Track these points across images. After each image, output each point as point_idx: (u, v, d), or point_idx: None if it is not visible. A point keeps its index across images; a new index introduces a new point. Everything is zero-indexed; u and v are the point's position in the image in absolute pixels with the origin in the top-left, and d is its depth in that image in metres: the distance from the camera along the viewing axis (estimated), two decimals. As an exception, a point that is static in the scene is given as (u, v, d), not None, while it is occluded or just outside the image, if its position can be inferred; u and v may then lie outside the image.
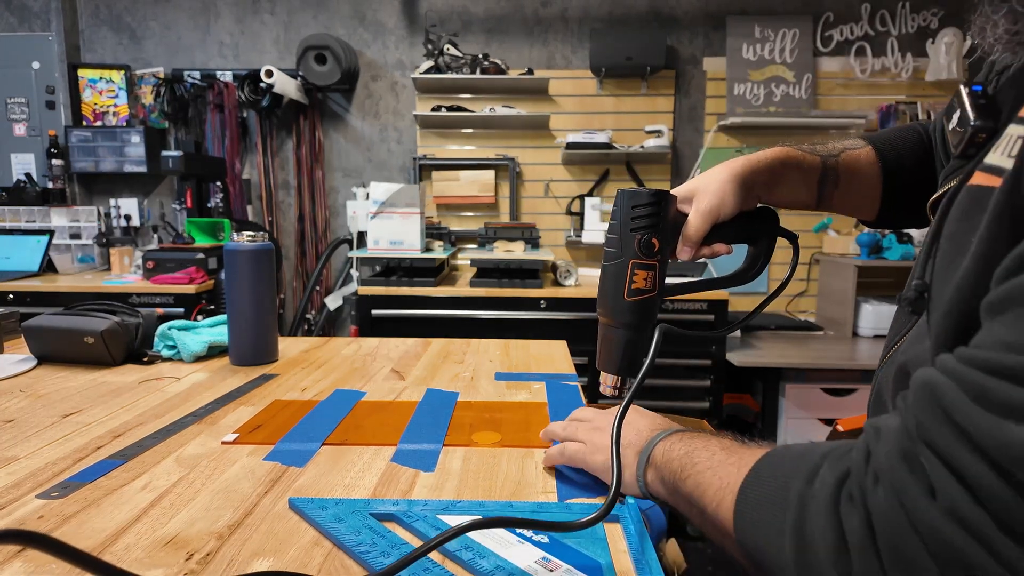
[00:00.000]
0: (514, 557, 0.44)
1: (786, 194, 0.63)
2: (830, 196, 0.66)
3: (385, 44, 2.86)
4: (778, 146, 0.64)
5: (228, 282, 0.94)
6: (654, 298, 0.57)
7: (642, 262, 0.56)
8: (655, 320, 0.59)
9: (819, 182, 0.64)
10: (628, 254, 0.56)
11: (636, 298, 0.56)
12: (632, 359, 0.58)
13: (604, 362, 0.59)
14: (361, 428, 0.71)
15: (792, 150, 0.64)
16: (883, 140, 0.67)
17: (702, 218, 0.58)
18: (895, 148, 0.66)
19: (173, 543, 0.46)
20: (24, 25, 2.84)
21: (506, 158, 2.82)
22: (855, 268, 2.47)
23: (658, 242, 0.55)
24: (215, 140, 2.82)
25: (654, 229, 0.55)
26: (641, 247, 0.55)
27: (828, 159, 0.64)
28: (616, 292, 0.57)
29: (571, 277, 2.34)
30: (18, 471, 0.58)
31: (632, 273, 0.56)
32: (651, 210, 0.55)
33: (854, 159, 0.65)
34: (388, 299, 2.22)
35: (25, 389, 0.84)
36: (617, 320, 0.57)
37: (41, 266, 2.53)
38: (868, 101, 2.78)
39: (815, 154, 0.64)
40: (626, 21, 2.80)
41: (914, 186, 0.67)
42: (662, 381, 2.24)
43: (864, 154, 0.66)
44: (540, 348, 1.14)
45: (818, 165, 0.64)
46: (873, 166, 0.65)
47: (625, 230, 0.56)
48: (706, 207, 0.58)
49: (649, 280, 0.56)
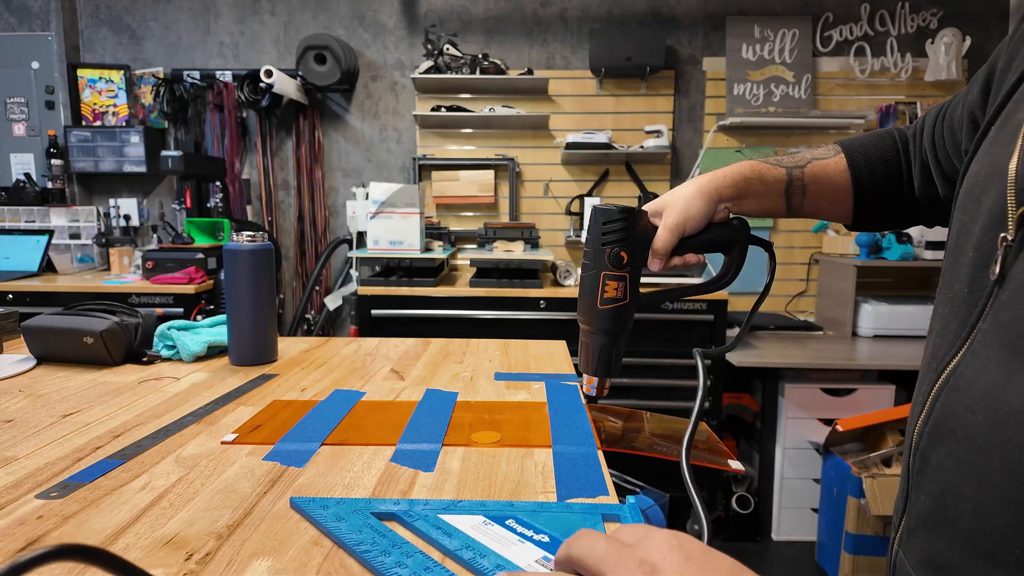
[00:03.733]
0: (515, 556, 0.44)
1: (753, 205, 0.67)
2: (799, 205, 0.68)
3: (385, 44, 2.86)
4: (748, 159, 0.68)
5: (228, 282, 0.94)
6: (626, 306, 0.61)
7: (612, 273, 0.60)
8: (629, 326, 0.63)
9: (785, 193, 0.68)
10: (600, 266, 0.60)
11: (608, 306, 0.60)
12: (608, 362, 0.63)
13: (584, 364, 0.65)
14: (361, 428, 0.71)
15: (758, 163, 0.67)
16: (855, 147, 0.68)
17: (669, 232, 0.62)
18: (866, 154, 0.67)
19: (172, 543, 0.46)
20: (24, 25, 2.84)
21: (506, 158, 2.82)
22: (854, 268, 2.47)
23: (627, 255, 0.60)
24: (215, 140, 2.82)
25: (623, 243, 0.60)
26: (611, 260, 0.60)
27: (793, 170, 0.67)
28: (591, 301, 0.61)
29: (571, 277, 2.34)
30: (17, 471, 0.58)
31: (604, 284, 0.60)
32: (619, 225, 0.60)
33: (821, 168, 0.68)
34: (388, 299, 2.22)
35: (24, 389, 0.84)
36: (594, 327, 0.62)
37: (40, 266, 2.53)
38: (867, 101, 2.78)
39: (780, 166, 0.68)
40: (625, 21, 2.80)
41: (885, 191, 0.68)
42: (662, 381, 2.24)
43: (833, 163, 0.68)
44: (540, 348, 1.14)
45: (782, 177, 0.67)
46: (843, 174, 0.67)
47: (596, 244, 0.60)
48: (672, 222, 0.62)
49: (620, 290, 0.60)
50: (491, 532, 0.47)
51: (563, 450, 0.65)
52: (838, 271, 2.60)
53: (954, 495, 0.39)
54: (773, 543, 2.36)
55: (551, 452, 0.65)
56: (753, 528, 2.35)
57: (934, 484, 0.42)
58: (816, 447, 2.28)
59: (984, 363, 0.38)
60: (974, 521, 0.37)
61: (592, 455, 0.64)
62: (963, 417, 0.39)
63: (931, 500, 0.42)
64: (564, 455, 0.64)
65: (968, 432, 0.39)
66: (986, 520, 0.36)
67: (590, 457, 0.63)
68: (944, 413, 0.41)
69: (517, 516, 0.50)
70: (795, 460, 2.32)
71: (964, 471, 0.39)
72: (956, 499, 0.39)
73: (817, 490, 2.31)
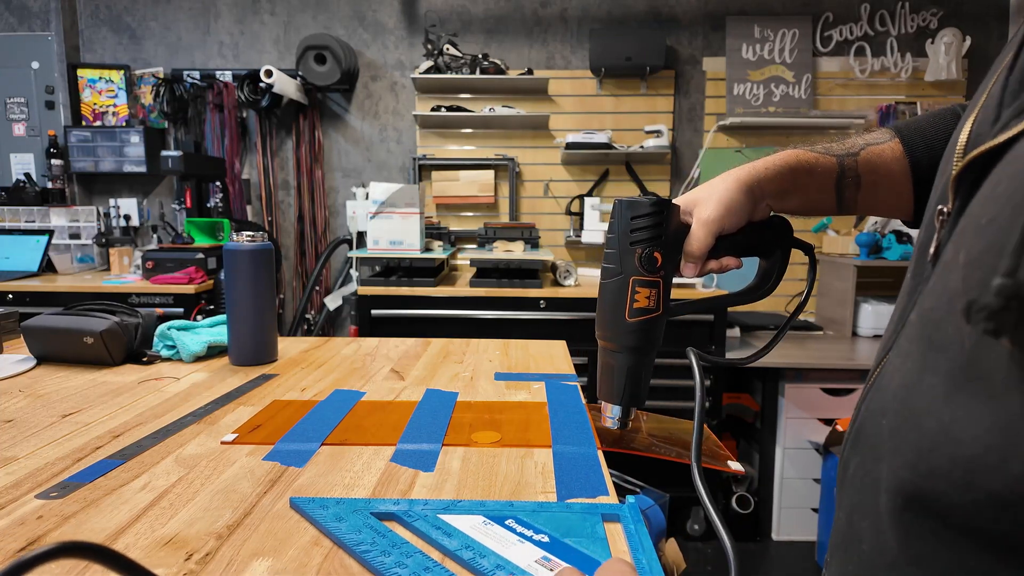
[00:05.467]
0: (514, 556, 0.44)
1: (800, 202, 0.58)
2: (852, 200, 0.58)
3: (385, 44, 2.86)
4: (789, 148, 0.58)
5: (228, 282, 0.94)
6: (658, 318, 0.51)
7: (644, 279, 0.50)
8: (659, 343, 0.52)
9: (836, 186, 0.57)
10: (628, 270, 0.50)
11: (639, 318, 0.50)
12: (636, 386, 0.53)
13: (605, 391, 0.54)
14: (360, 428, 0.71)
15: (804, 152, 0.57)
16: (912, 129, 0.58)
17: (706, 230, 0.53)
18: (925, 137, 0.57)
19: (172, 543, 0.46)
20: (24, 25, 2.84)
21: (506, 158, 2.82)
22: (854, 268, 2.47)
23: (661, 256, 0.50)
24: (215, 140, 2.82)
25: (656, 242, 0.50)
26: (642, 262, 0.50)
27: (845, 159, 0.57)
28: (616, 313, 0.51)
29: (571, 277, 2.34)
30: (17, 471, 0.58)
31: (633, 291, 0.50)
32: (652, 220, 0.50)
33: (876, 155, 0.57)
34: (388, 299, 2.22)
35: (24, 389, 0.84)
36: (619, 344, 0.52)
37: (40, 266, 2.53)
38: (867, 101, 2.78)
39: (830, 154, 0.58)
40: (625, 21, 2.80)
41: None
42: (661, 381, 2.24)
43: (889, 148, 0.58)
44: (540, 348, 1.14)
45: (833, 167, 0.57)
46: (900, 161, 0.57)
47: (624, 244, 0.51)
48: (709, 217, 0.53)
49: (652, 298, 0.50)
50: (491, 532, 0.47)
51: (563, 450, 0.65)
52: (838, 271, 2.60)
53: (859, 511, 0.34)
54: (773, 543, 2.36)
55: (551, 452, 0.65)
56: (753, 528, 2.35)
57: (847, 498, 0.37)
58: (816, 447, 2.28)
59: (903, 359, 0.32)
60: (872, 541, 0.33)
61: (592, 455, 0.64)
62: (872, 422, 0.35)
63: (844, 516, 0.37)
64: (564, 455, 0.64)
65: (873, 439, 0.34)
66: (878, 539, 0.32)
67: (590, 457, 0.63)
68: (864, 418, 0.37)
69: (517, 516, 0.50)
70: (795, 460, 2.32)
71: (867, 484, 0.34)
72: (860, 516, 0.34)
73: (817, 490, 2.31)
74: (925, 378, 0.29)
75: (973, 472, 0.25)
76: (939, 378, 0.28)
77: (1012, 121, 0.29)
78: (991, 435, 0.24)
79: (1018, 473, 0.23)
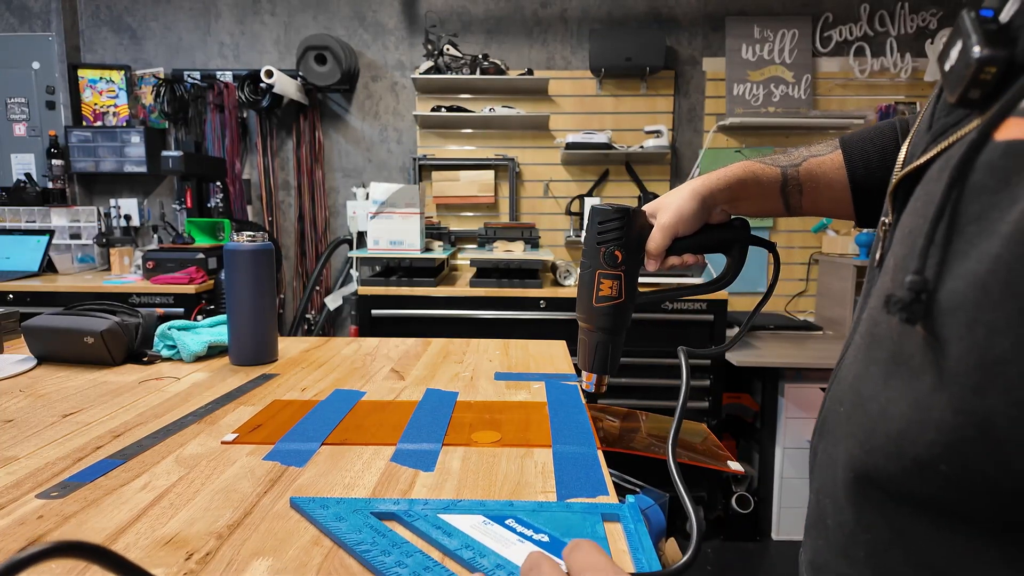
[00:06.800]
0: (514, 556, 0.44)
1: (750, 206, 0.67)
2: (797, 204, 0.67)
3: (385, 45, 2.86)
4: (745, 160, 0.67)
5: (228, 282, 0.94)
6: (621, 304, 0.62)
7: (608, 272, 0.61)
8: (626, 325, 0.64)
9: (781, 192, 0.67)
10: (595, 265, 0.61)
11: (604, 304, 0.62)
12: (604, 359, 0.64)
13: (582, 361, 0.66)
14: (361, 428, 0.71)
15: (754, 164, 0.67)
16: (854, 142, 0.66)
17: (661, 233, 0.63)
18: (863, 150, 0.65)
19: (173, 543, 0.46)
20: (24, 25, 2.84)
21: (506, 158, 2.82)
22: (854, 268, 2.47)
23: (621, 254, 0.61)
24: (215, 140, 2.82)
25: (617, 242, 0.61)
26: (606, 258, 0.61)
27: (788, 169, 0.67)
28: (588, 299, 0.62)
29: (571, 277, 2.35)
30: (18, 471, 0.58)
31: (599, 282, 0.61)
32: (614, 225, 0.61)
33: (817, 165, 0.67)
34: (388, 299, 2.22)
35: (25, 389, 0.84)
36: (592, 324, 0.63)
37: (41, 266, 2.53)
38: (867, 101, 2.78)
39: (776, 165, 0.67)
40: (625, 22, 2.80)
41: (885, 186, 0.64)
42: (661, 381, 2.24)
43: (830, 159, 0.66)
44: (540, 348, 1.15)
45: (777, 176, 0.66)
46: (840, 170, 0.66)
47: (592, 243, 0.62)
48: (665, 223, 0.63)
49: (615, 288, 0.61)
50: (491, 532, 0.48)
51: (563, 450, 0.65)
52: (838, 271, 2.60)
53: (824, 491, 0.39)
54: (773, 543, 2.36)
55: (551, 452, 0.65)
56: (753, 528, 2.35)
57: (816, 480, 0.42)
58: (816, 447, 2.28)
59: (856, 353, 0.37)
60: (835, 517, 0.37)
61: (592, 455, 0.64)
62: (833, 410, 0.39)
63: (814, 497, 0.42)
64: (564, 455, 0.64)
65: (833, 425, 0.39)
66: (839, 515, 0.36)
67: (590, 457, 0.64)
68: (828, 408, 0.42)
69: (517, 516, 0.50)
70: (795, 460, 2.32)
71: (829, 465, 0.38)
72: (825, 495, 0.39)
73: (817, 490, 2.31)
74: (870, 368, 0.34)
75: (901, 443, 0.30)
76: (879, 367, 0.33)
77: (930, 145, 0.35)
78: (912, 410, 0.29)
79: (931, 439, 0.28)
